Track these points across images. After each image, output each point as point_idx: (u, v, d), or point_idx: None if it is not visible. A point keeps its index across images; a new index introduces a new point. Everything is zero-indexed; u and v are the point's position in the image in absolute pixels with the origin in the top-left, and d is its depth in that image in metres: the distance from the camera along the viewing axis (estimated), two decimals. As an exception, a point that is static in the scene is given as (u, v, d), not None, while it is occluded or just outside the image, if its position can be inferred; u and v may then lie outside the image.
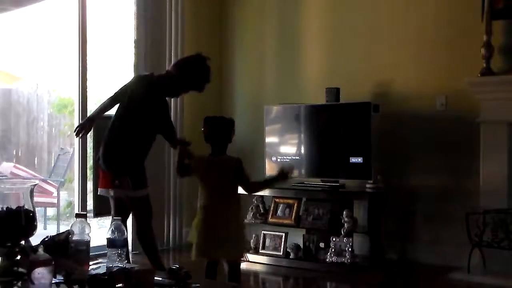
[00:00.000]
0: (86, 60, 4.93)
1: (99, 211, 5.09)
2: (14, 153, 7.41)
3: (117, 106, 4.00)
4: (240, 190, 3.49)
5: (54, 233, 2.66)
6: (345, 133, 4.79)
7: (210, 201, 3.36)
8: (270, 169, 5.10)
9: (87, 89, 4.95)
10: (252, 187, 3.61)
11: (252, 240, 4.97)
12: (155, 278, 2.32)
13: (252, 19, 5.83)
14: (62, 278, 2.22)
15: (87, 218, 2.56)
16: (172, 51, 5.36)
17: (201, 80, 3.92)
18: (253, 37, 5.82)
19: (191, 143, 3.60)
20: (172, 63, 4.05)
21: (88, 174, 5.03)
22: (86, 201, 4.98)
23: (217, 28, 5.96)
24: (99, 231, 6.12)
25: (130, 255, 4.32)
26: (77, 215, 2.53)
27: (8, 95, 7.38)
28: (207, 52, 5.76)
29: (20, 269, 2.15)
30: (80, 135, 4.07)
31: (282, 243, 4.79)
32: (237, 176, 3.40)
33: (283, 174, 3.44)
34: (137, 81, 4.10)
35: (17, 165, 6.90)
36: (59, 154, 7.03)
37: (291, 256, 4.75)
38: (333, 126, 4.87)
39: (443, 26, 4.73)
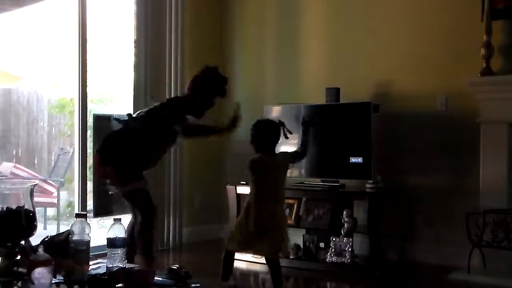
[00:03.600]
0: (86, 60, 4.93)
1: (99, 211, 5.11)
2: (14, 153, 7.40)
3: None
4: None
5: (54, 233, 2.66)
6: (345, 133, 4.79)
7: (266, 199, 3.51)
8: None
9: (87, 89, 4.95)
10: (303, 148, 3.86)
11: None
12: (155, 278, 2.33)
13: (252, 19, 5.83)
14: (62, 278, 2.22)
15: (87, 218, 2.56)
16: (172, 51, 5.37)
17: (218, 86, 4.20)
18: (253, 37, 5.82)
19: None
20: (188, 85, 4.23)
21: (88, 174, 5.03)
22: (86, 201, 4.98)
23: (217, 28, 5.96)
24: (99, 231, 6.12)
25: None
26: (77, 215, 2.53)
27: (8, 95, 7.38)
28: (207, 52, 5.85)
29: (20, 269, 2.15)
30: None
31: (282, 243, 4.78)
32: (292, 159, 3.78)
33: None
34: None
35: (17, 165, 6.89)
36: (59, 154, 7.02)
37: (291, 256, 4.75)
38: (333, 126, 4.87)
39: (443, 26, 4.73)
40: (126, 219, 4.16)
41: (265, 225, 3.47)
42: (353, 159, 4.67)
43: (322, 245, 4.69)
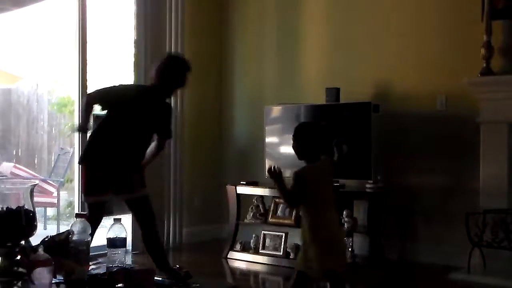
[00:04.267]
0: (86, 60, 4.93)
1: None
2: (14, 153, 7.41)
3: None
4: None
5: (54, 233, 2.66)
6: (345, 133, 4.78)
7: (329, 211, 3.06)
8: (270, 169, 5.10)
9: (87, 89, 4.95)
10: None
11: (252, 240, 4.97)
12: (155, 278, 2.33)
13: (252, 19, 5.83)
14: (62, 278, 2.22)
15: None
16: (172, 51, 5.36)
17: (182, 76, 3.89)
18: (253, 37, 5.82)
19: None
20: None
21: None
22: (86, 201, 4.97)
23: (217, 28, 5.96)
24: (99, 231, 6.11)
25: (130, 256, 4.31)
26: (77, 215, 2.53)
27: (8, 95, 7.39)
28: (207, 52, 5.85)
29: (20, 269, 2.14)
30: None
31: (282, 243, 4.79)
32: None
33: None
34: (133, 89, 4.05)
35: (17, 165, 6.90)
36: (59, 154, 7.03)
37: (291, 256, 4.74)
38: (333, 126, 4.86)
39: (443, 26, 4.73)
40: (126, 219, 4.16)
41: (340, 241, 3.18)
42: (353, 159, 4.66)
43: (322, 245, 4.68)
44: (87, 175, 3.77)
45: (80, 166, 3.96)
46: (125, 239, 2.50)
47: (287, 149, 5.10)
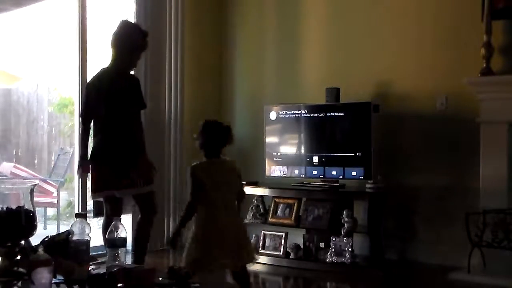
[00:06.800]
0: (86, 59, 4.93)
1: (99, 211, 5.10)
2: (14, 153, 7.41)
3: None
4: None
5: (54, 233, 2.66)
6: (345, 133, 4.79)
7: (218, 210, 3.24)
8: (270, 169, 5.11)
9: (87, 89, 4.95)
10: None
11: (252, 240, 4.97)
12: (155, 278, 2.33)
13: (252, 19, 5.82)
14: (62, 278, 2.22)
15: (87, 218, 2.56)
16: (172, 51, 5.36)
17: (140, 38, 4.02)
18: (253, 37, 5.82)
19: None
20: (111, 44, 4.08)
21: (88, 174, 5.02)
22: (86, 201, 4.98)
23: (217, 28, 5.96)
24: (99, 231, 6.11)
25: (130, 255, 4.31)
26: (77, 215, 2.53)
27: (8, 95, 7.39)
28: (207, 52, 5.85)
29: (20, 269, 2.15)
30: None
31: (282, 243, 4.79)
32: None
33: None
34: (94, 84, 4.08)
35: (17, 165, 6.90)
36: (59, 154, 7.03)
37: (291, 256, 4.75)
38: (333, 126, 4.87)
39: (443, 26, 4.73)
40: (126, 219, 4.17)
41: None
42: (353, 159, 4.67)
43: (322, 245, 4.69)
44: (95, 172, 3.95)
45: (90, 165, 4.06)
46: (125, 239, 2.49)
47: (287, 149, 5.12)
